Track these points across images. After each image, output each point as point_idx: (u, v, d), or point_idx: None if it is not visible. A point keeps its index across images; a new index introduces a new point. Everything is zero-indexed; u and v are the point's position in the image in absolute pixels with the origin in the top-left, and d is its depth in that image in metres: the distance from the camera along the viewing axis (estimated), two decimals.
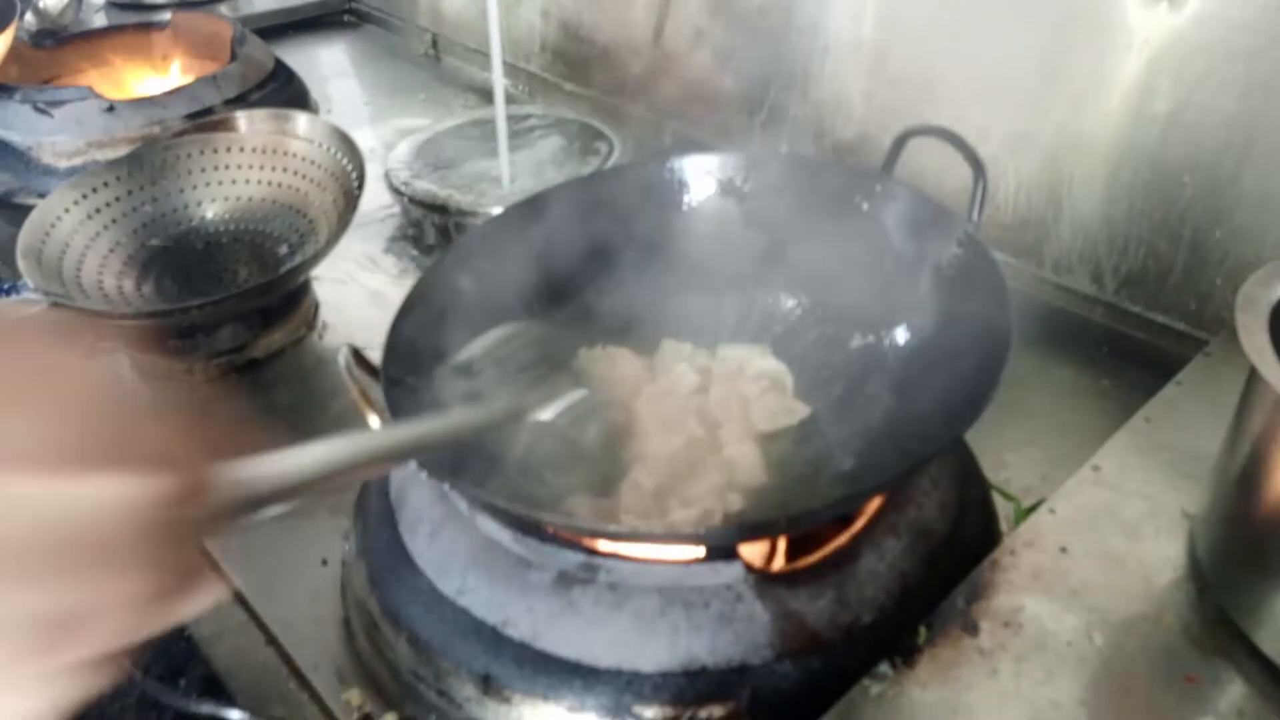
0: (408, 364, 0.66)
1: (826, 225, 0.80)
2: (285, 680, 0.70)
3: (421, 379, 0.65)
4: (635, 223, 0.83)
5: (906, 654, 0.58)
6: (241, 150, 1.12)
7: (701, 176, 0.84)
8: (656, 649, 0.58)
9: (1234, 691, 0.56)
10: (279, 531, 0.81)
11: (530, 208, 0.81)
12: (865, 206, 0.78)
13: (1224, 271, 0.86)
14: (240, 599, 0.76)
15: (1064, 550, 0.64)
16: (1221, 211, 0.85)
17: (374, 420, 0.60)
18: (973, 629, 0.59)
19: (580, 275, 0.82)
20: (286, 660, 0.71)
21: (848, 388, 0.76)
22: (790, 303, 0.84)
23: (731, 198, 0.84)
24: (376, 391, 0.62)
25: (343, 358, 0.62)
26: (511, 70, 1.58)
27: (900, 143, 0.80)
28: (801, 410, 0.75)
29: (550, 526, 0.61)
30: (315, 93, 1.54)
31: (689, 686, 0.58)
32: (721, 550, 0.59)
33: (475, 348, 0.66)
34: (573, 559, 0.60)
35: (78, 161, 1.26)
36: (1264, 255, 0.83)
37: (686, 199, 0.85)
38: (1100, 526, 0.65)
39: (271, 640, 0.73)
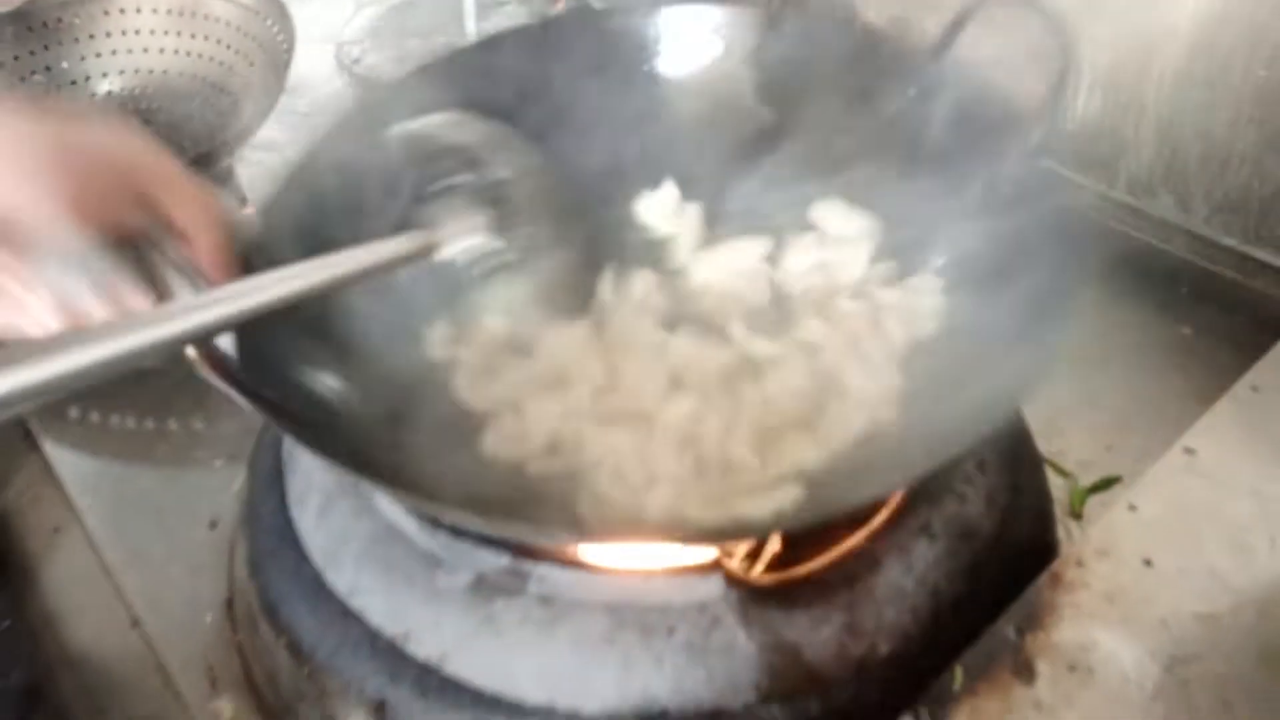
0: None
1: (856, 114, 0.61)
2: (149, 675, 0.56)
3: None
4: (603, 88, 0.64)
5: (936, 705, 0.43)
6: (153, 11, 0.93)
7: (702, 33, 0.65)
8: (601, 685, 0.44)
9: None
10: (161, 482, 0.67)
11: (467, 59, 0.63)
12: (912, 92, 0.60)
13: None
14: (104, 566, 0.61)
15: (1149, 563, 0.48)
16: None
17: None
18: (1026, 673, 0.44)
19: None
20: (152, 649, 0.57)
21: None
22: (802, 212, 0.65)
23: (738, 65, 0.65)
24: None
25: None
26: None
27: (963, 18, 0.60)
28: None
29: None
30: None
31: None
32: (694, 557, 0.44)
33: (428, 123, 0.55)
34: (494, 560, 0.45)
35: None
36: None
37: (672, 62, 0.66)
38: (1197, 532, 0.50)
39: (136, 622, 0.58)
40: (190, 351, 0.43)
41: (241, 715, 0.53)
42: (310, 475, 0.53)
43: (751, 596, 0.44)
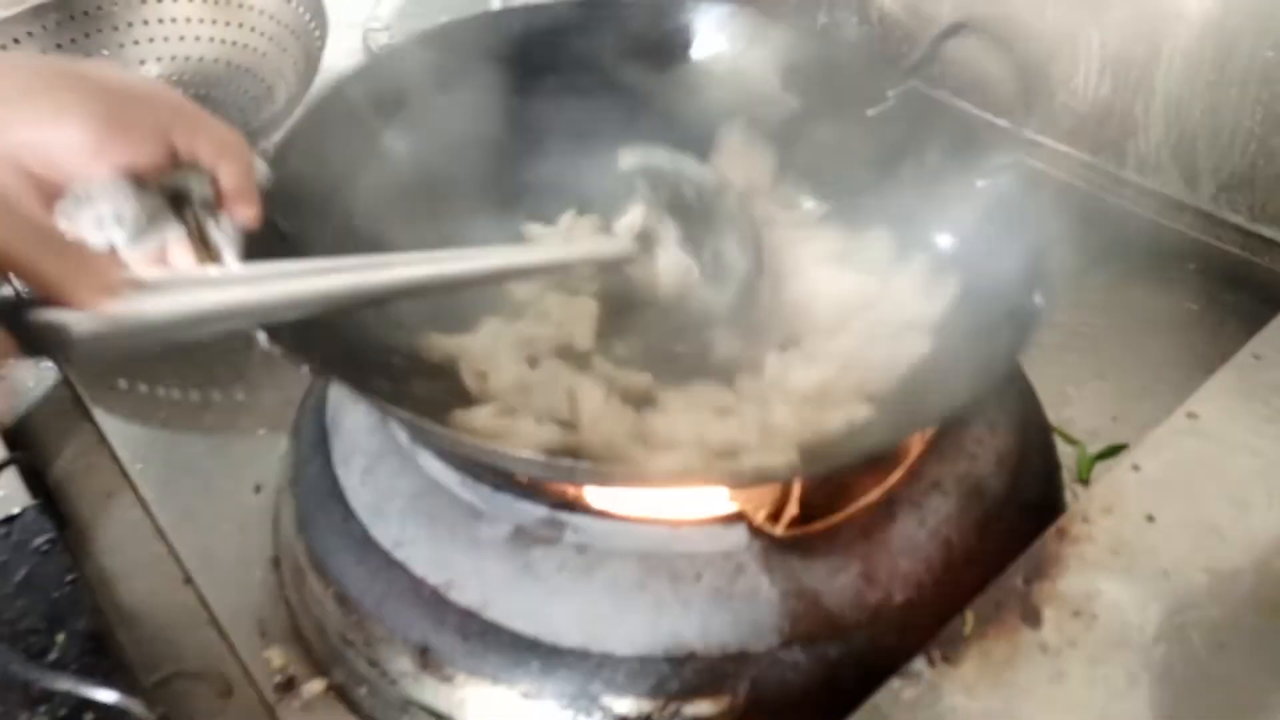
0: (285, 202, 0.52)
1: (850, 122, 0.65)
2: (202, 628, 0.59)
3: (301, 226, 0.51)
4: (619, 71, 0.67)
5: (948, 647, 0.46)
6: (189, 0, 0.96)
7: (710, 30, 0.68)
8: (633, 628, 0.46)
9: None
10: (208, 450, 0.70)
11: (487, 25, 0.65)
12: (890, 100, 0.63)
13: None
14: (157, 528, 0.65)
15: (1151, 519, 0.51)
16: None
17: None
18: (1034, 618, 0.47)
19: (531, 125, 0.67)
20: (204, 604, 0.60)
21: None
22: (807, 204, 0.68)
23: (743, 61, 0.68)
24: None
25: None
26: None
27: (939, 41, 0.64)
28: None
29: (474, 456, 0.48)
30: None
31: (673, 675, 0.46)
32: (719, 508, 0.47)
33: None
34: (532, 511, 0.48)
35: (12, 11, 1.10)
36: None
37: (689, 54, 0.69)
38: (1198, 489, 0.52)
39: (189, 579, 0.62)
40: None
41: (291, 663, 0.56)
42: (355, 438, 0.56)
43: (774, 546, 0.47)
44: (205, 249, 0.47)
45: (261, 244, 0.48)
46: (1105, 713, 0.43)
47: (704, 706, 0.46)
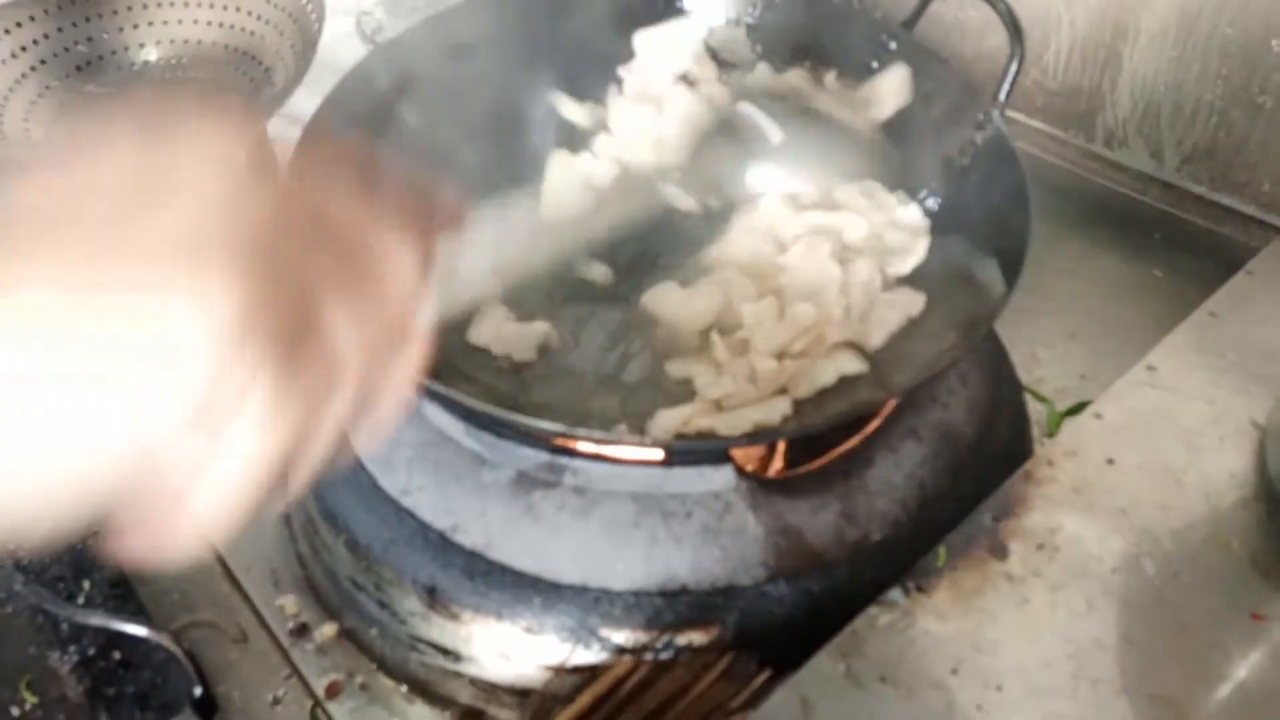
0: None
1: (842, 77, 0.68)
2: (217, 581, 0.62)
3: None
4: (612, 41, 0.70)
5: (922, 579, 0.49)
6: None
7: (703, 1, 0.71)
8: (629, 564, 0.50)
9: None
10: None
11: (487, 7, 0.68)
12: (874, 65, 0.66)
13: None
14: None
15: (1111, 462, 0.55)
16: None
17: None
18: (1001, 551, 0.50)
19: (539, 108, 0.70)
20: (218, 558, 0.63)
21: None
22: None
23: (734, 32, 0.71)
24: None
25: None
26: None
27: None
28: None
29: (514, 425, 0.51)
30: None
31: (666, 608, 0.50)
32: (708, 454, 0.50)
33: None
34: (534, 457, 0.51)
35: None
36: None
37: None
38: (1154, 435, 0.56)
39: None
40: None
41: (303, 610, 0.59)
42: None
43: (760, 487, 0.51)
44: None
45: None
46: (1066, 632, 0.47)
47: (695, 636, 0.50)
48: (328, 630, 0.57)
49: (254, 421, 0.25)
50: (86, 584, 0.55)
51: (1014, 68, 0.61)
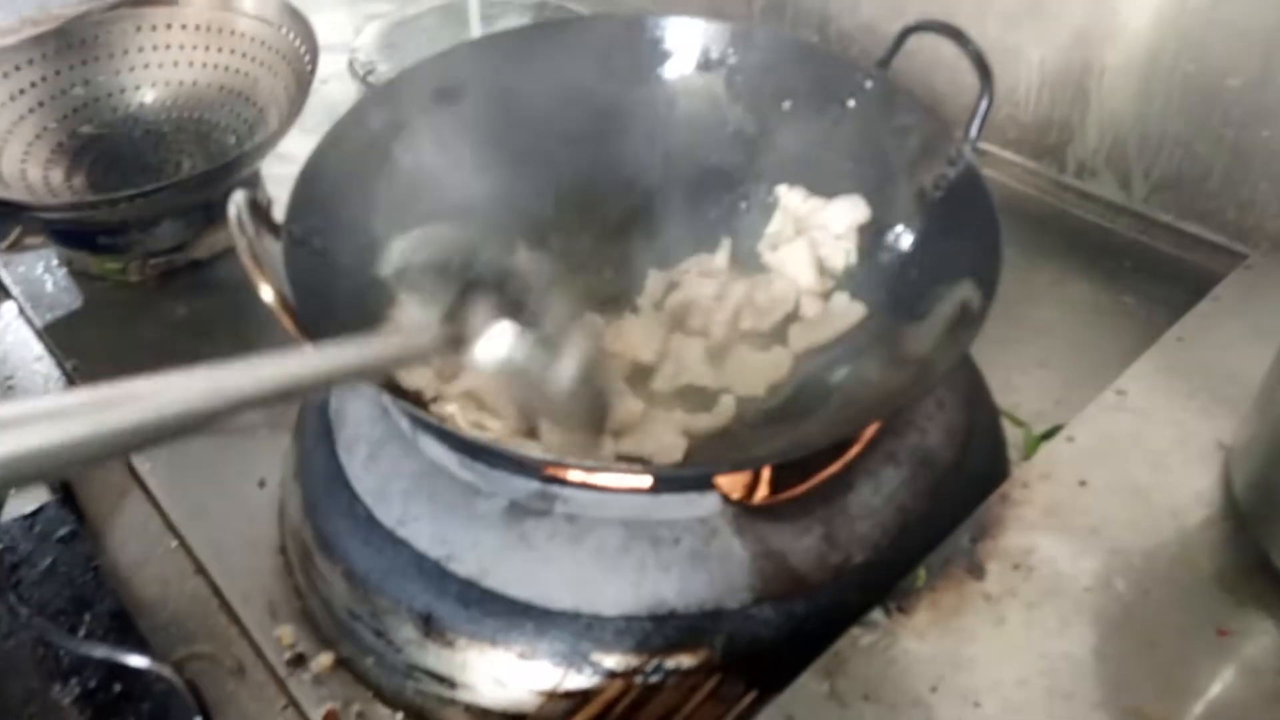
0: (316, 221, 0.57)
1: (813, 120, 0.70)
2: (214, 613, 0.63)
3: (330, 241, 0.56)
4: (596, 91, 0.72)
5: (903, 599, 0.51)
6: (183, 28, 1.01)
7: (682, 44, 0.74)
8: (619, 590, 0.51)
9: (1269, 646, 0.49)
10: (213, 450, 0.74)
11: (474, 53, 0.71)
12: (852, 104, 0.69)
13: (1270, 176, 0.77)
14: (168, 523, 0.69)
15: (1083, 483, 0.57)
16: (1272, 107, 0.75)
17: (265, 292, 0.49)
18: (978, 572, 0.52)
19: (525, 150, 0.71)
20: (215, 591, 0.64)
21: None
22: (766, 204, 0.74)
23: (714, 74, 0.74)
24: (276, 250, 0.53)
25: (234, 206, 0.50)
26: None
27: (902, 38, 0.70)
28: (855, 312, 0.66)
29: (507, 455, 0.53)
30: None
31: (655, 632, 0.51)
32: (694, 480, 0.52)
33: (395, 254, 0.57)
34: (526, 487, 0.53)
35: (12, 40, 1.14)
36: None
37: (661, 69, 0.75)
38: (1124, 457, 0.58)
39: (200, 569, 0.66)
40: (269, 297, 0.48)
41: (300, 640, 0.60)
42: (359, 427, 0.60)
43: (745, 512, 0.52)
44: None
45: (300, 260, 0.53)
46: (1041, 650, 0.49)
47: (684, 659, 0.51)
48: (324, 660, 0.58)
49: None
50: (87, 616, 0.56)
51: (984, 105, 0.63)
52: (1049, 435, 0.72)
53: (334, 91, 1.13)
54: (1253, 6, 0.74)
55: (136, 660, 0.49)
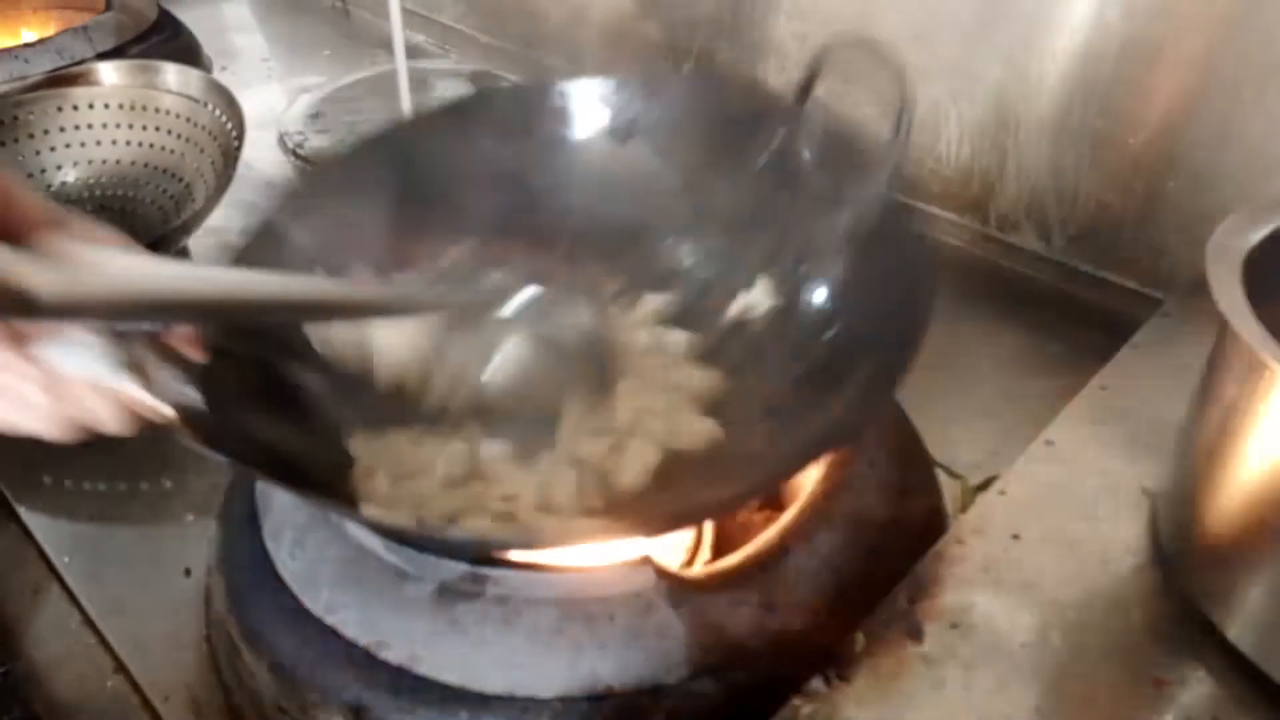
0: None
1: (733, 164, 0.70)
2: (135, 711, 0.61)
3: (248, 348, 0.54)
4: (511, 159, 0.72)
5: (843, 666, 0.50)
6: (105, 107, 1.00)
7: (592, 103, 0.74)
8: (554, 671, 0.50)
9: (1204, 694, 0.49)
10: (135, 538, 0.72)
11: (384, 143, 0.70)
12: (772, 145, 0.68)
13: (1179, 225, 0.80)
14: (86, 619, 0.66)
15: (1016, 537, 0.57)
16: (1176, 159, 0.79)
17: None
18: (916, 633, 0.52)
19: (444, 222, 0.71)
20: (135, 688, 0.61)
21: (753, 355, 0.67)
22: (689, 260, 0.73)
23: (625, 130, 0.74)
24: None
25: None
26: (424, 22, 1.46)
27: (817, 64, 0.68)
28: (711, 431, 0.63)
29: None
30: (213, 48, 1.42)
31: (593, 712, 0.50)
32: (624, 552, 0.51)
33: None
34: (455, 569, 0.52)
35: None
36: (1222, 206, 0.76)
37: (574, 130, 0.74)
38: (1055, 508, 0.58)
39: (120, 666, 0.63)
40: (170, 413, 0.45)
41: None
42: (285, 514, 0.58)
43: (679, 584, 0.52)
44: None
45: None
46: (981, 713, 0.48)
47: None
48: None
49: None
50: None
51: (904, 120, 0.61)
52: (984, 486, 0.73)
53: (265, 167, 1.12)
54: (1153, 66, 0.77)
55: None
